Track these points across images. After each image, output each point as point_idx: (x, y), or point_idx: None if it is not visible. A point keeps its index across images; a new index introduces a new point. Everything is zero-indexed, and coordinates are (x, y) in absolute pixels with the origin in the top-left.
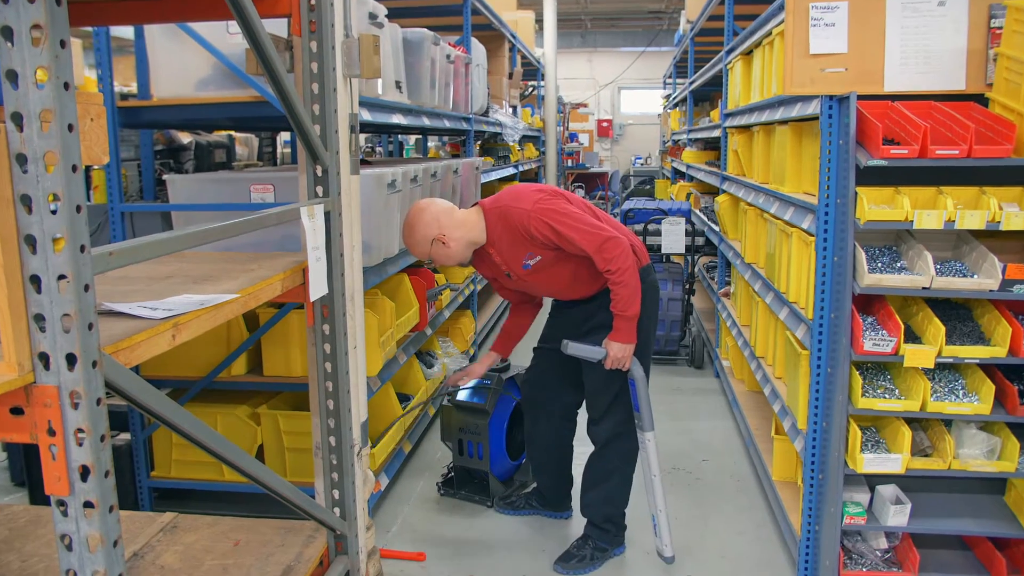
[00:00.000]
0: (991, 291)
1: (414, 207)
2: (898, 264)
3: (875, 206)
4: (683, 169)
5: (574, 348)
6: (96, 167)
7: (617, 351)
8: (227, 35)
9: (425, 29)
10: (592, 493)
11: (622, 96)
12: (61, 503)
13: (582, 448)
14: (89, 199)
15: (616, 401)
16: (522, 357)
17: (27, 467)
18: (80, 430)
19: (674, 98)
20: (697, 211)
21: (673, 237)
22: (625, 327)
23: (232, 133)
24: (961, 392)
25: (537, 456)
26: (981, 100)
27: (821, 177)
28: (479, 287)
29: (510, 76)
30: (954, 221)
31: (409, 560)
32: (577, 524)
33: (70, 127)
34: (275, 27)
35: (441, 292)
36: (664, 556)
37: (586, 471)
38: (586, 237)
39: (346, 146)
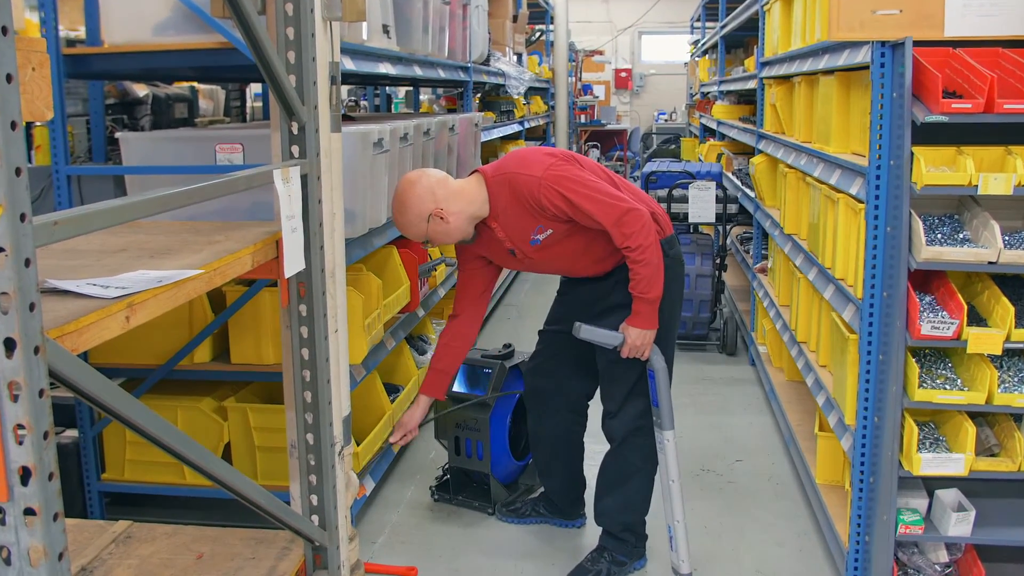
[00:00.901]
0: None
1: (403, 181)
2: (960, 235)
3: (934, 169)
4: (713, 126)
5: (588, 332)
6: (38, 124)
7: (636, 338)
8: None
9: None
10: (608, 498)
11: (643, 42)
12: None
13: (596, 446)
14: (30, 161)
15: (635, 391)
16: (528, 342)
17: None
18: (20, 426)
19: (703, 44)
20: (729, 174)
21: (701, 204)
22: (645, 311)
23: (195, 85)
24: None
25: (544, 456)
26: None
27: (872, 135)
28: None
29: (514, 19)
30: None
31: None
32: (591, 534)
33: (8, 78)
34: None
35: (435, 267)
36: (680, 573)
37: (601, 473)
38: (603, 209)
39: (326, 100)
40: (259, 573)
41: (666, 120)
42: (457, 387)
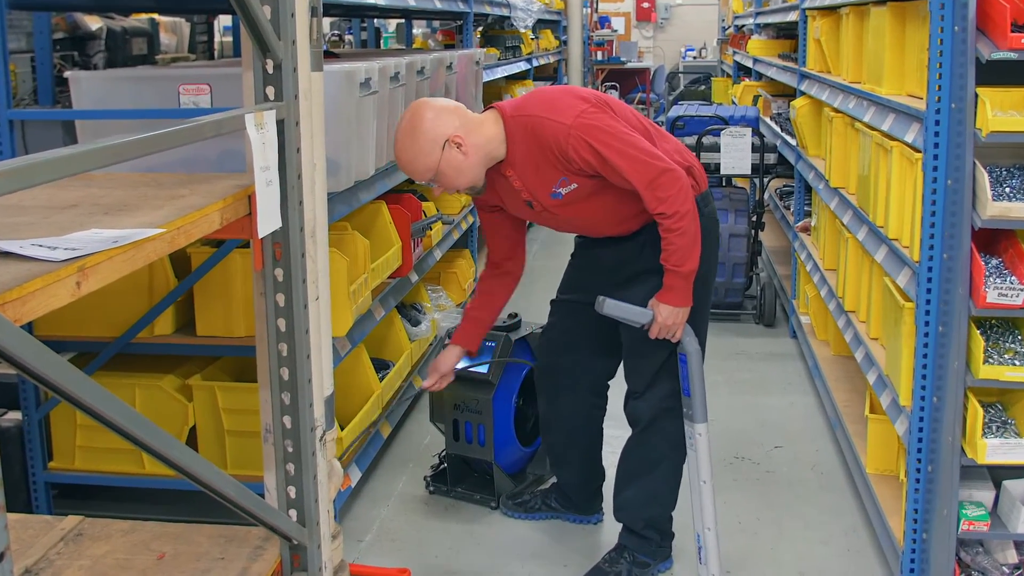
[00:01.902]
0: None
1: (414, 104)
2: None
3: (1001, 113)
4: (748, 64)
5: (612, 307)
6: None
7: (667, 316)
8: None
9: None
10: (630, 491)
11: None
12: None
13: (616, 432)
14: None
15: (665, 368)
16: (536, 312)
17: None
18: None
19: None
20: (767, 119)
21: (735, 154)
22: (679, 286)
23: (155, 17)
24: None
25: (557, 443)
26: None
27: (930, 75)
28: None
29: None
30: None
31: None
32: (608, 531)
33: None
34: None
35: (430, 226)
36: None
37: (622, 461)
38: (637, 168)
39: (305, 33)
40: (230, 575)
41: (695, 57)
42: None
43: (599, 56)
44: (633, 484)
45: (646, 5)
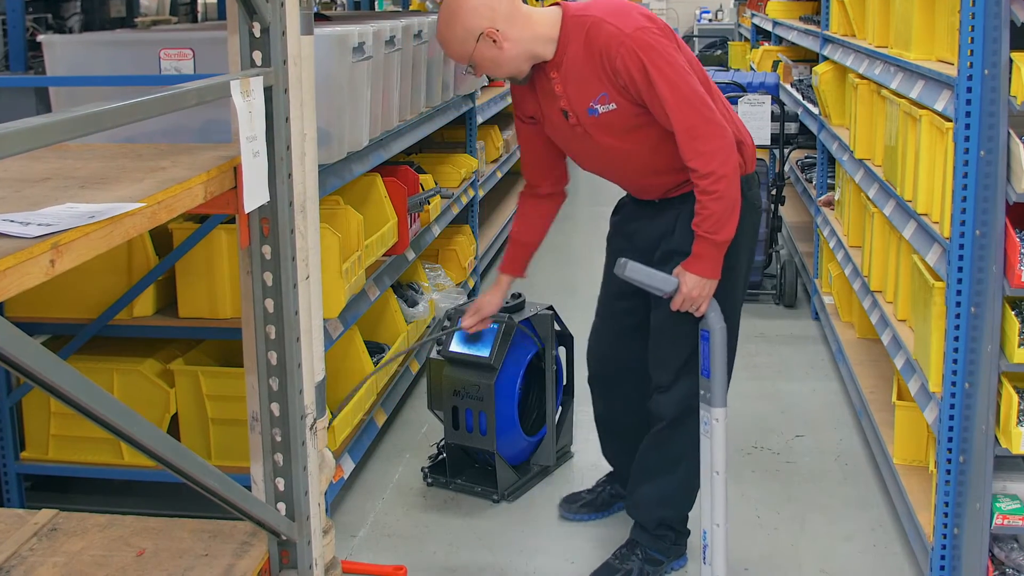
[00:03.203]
0: None
1: None
2: None
3: None
4: (768, 27)
5: (634, 270)
6: None
7: (692, 286)
8: None
9: None
10: (646, 487)
11: None
12: None
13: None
14: None
15: (691, 363)
16: (542, 291)
17: None
18: None
19: None
20: (788, 86)
21: (754, 123)
22: (709, 255)
23: None
24: None
25: (616, 446)
26: None
27: (962, 39)
28: (482, 192)
29: None
30: None
31: None
32: (615, 525)
33: None
34: None
35: (428, 200)
36: None
37: (641, 457)
38: (682, 106)
39: None
40: (213, 573)
41: (710, 20)
42: (455, 346)
43: None
44: (650, 481)
45: None
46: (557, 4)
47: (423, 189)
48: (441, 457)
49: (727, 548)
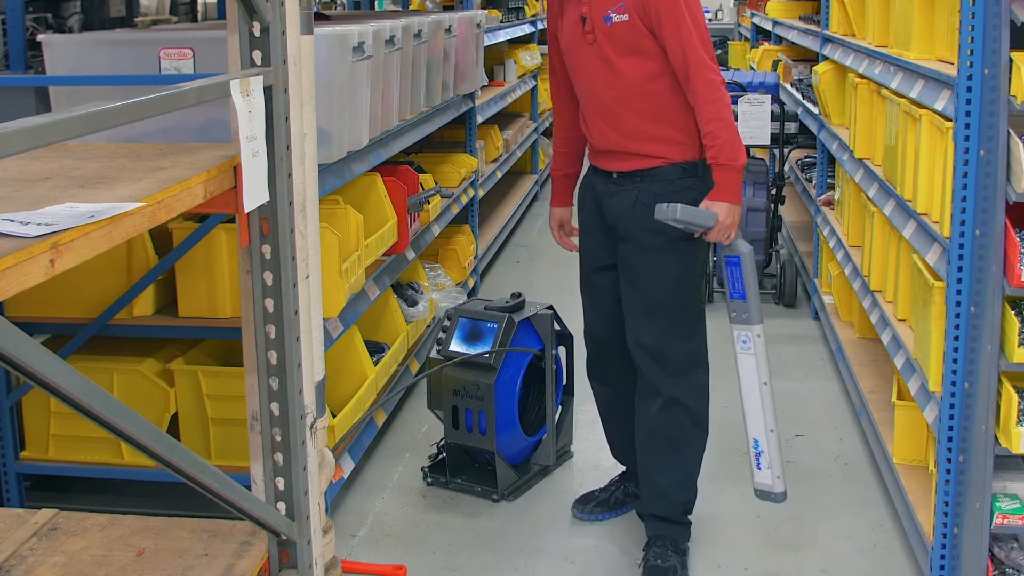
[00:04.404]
0: None
1: None
2: None
3: None
4: (768, 27)
5: (682, 212)
6: None
7: (726, 215)
8: None
9: None
10: (663, 476)
11: None
12: None
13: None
14: None
15: (676, 327)
16: (542, 291)
17: None
18: None
19: None
20: (787, 86)
21: (754, 122)
22: (732, 182)
23: None
24: None
25: (622, 432)
26: None
27: (962, 38)
28: (481, 192)
29: None
30: None
31: None
32: (613, 523)
33: None
34: None
35: (428, 199)
36: (775, 493)
37: (647, 443)
38: (691, 42)
39: None
40: (213, 573)
41: (710, 20)
42: (455, 346)
43: None
44: (664, 469)
45: None
46: None
47: (423, 189)
48: (441, 457)
49: (781, 449)
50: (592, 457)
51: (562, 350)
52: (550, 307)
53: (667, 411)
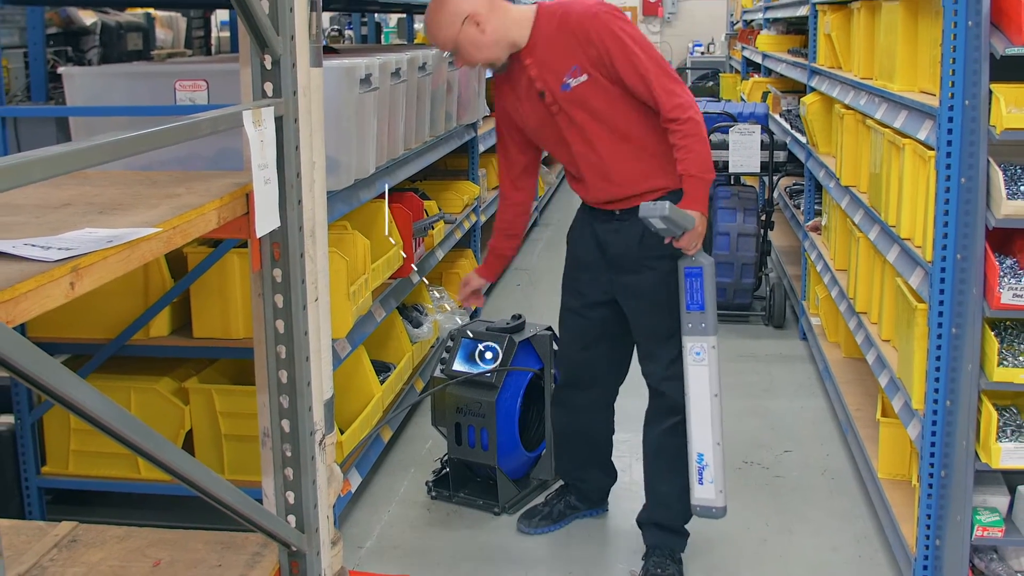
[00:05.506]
0: None
1: None
2: None
3: (1016, 109)
4: (758, 60)
5: (674, 210)
6: None
7: (699, 222)
8: None
9: None
10: (666, 485)
11: None
12: None
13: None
14: None
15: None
16: (541, 312)
17: None
18: None
19: None
20: (777, 116)
21: (744, 151)
22: (702, 193)
23: (151, 11)
24: None
25: (578, 455)
26: None
27: (944, 71)
28: (483, 218)
29: None
30: None
31: None
32: (610, 532)
33: None
34: None
35: (432, 225)
36: (716, 508)
37: (655, 455)
38: (653, 66)
39: (304, 28)
40: None
41: (702, 53)
42: (458, 365)
43: None
44: (669, 478)
45: (653, 0)
46: (536, 2)
47: (427, 215)
48: (444, 471)
49: (724, 461)
50: None
51: None
52: (549, 328)
53: (679, 428)
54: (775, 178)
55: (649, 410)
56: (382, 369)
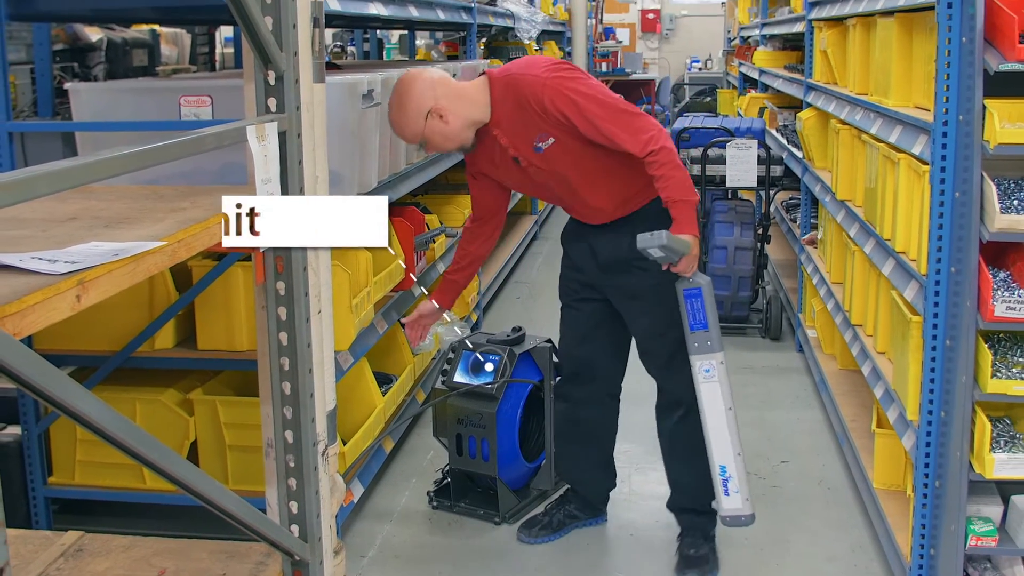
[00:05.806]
0: None
1: (403, 77)
2: None
3: (1010, 125)
4: (754, 76)
5: (671, 239)
6: None
7: (693, 245)
8: None
9: None
10: (688, 473)
11: None
12: None
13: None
14: None
15: (683, 348)
16: (541, 326)
17: None
18: None
19: None
20: (773, 131)
21: (741, 166)
22: (690, 216)
23: (156, 28)
24: None
25: (577, 449)
26: None
27: (938, 86)
28: None
29: None
30: None
31: None
32: (611, 539)
33: None
34: None
35: (434, 238)
36: (745, 516)
37: (672, 446)
38: (613, 115)
39: (307, 45)
40: None
41: (700, 69)
42: (459, 377)
43: (604, 67)
44: (689, 467)
45: (651, 16)
46: (483, 73)
47: (429, 229)
48: (445, 482)
49: (746, 470)
50: None
51: None
52: (549, 340)
53: (688, 418)
54: (772, 192)
55: (657, 404)
56: (384, 381)
